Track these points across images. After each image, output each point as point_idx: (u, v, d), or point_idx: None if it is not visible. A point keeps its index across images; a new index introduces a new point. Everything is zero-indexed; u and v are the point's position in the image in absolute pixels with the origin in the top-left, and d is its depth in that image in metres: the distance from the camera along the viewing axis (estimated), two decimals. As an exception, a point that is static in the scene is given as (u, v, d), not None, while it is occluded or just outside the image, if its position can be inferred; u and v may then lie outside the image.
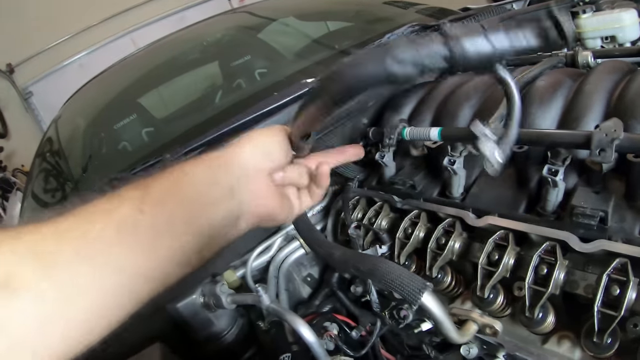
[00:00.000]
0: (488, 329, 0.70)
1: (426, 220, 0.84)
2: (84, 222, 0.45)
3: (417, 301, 0.64)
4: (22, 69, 5.77)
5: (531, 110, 0.83)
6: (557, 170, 0.67)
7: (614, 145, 0.62)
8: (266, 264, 1.07)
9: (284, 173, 0.65)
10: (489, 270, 0.69)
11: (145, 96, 2.06)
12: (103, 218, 0.46)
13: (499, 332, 0.69)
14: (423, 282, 0.65)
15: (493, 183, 0.83)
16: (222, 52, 2.17)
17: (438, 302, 0.65)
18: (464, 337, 0.70)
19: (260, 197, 0.60)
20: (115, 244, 0.45)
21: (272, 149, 0.63)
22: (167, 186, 0.52)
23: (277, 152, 0.63)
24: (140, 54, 2.41)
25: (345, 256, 0.76)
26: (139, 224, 0.47)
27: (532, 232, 0.68)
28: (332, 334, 0.88)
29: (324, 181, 0.68)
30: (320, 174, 0.67)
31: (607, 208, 0.64)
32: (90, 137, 1.95)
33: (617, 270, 0.58)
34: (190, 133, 1.40)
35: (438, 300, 0.65)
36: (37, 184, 1.79)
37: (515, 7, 1.68)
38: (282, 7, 2.48)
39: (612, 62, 0.89)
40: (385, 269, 0.67)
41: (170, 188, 0.52)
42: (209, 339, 1.02)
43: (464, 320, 0.73)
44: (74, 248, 0.42)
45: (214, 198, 0.55)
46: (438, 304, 0.66)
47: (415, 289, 0.64)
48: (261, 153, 0.62)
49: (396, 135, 0.90)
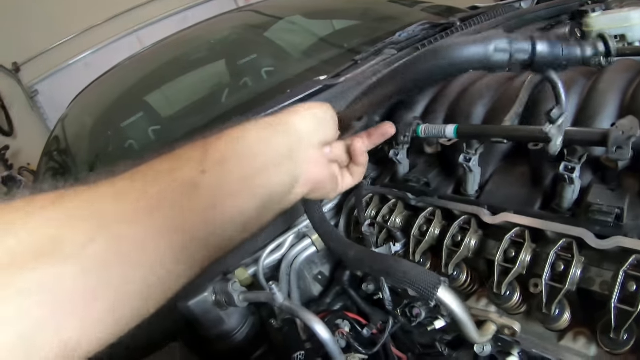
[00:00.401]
0: (507, 329, 0.70)
1: (441, 218, 0.84)
2: (144, 183, 0.44)
3: (433, 297, 0.63)
4: (28, 68, 5.77)
5: (546, 108, 0.83)
6: (574, 168, 0.67)
7: (631, 142, 0.62)
8: (278, 262, 1.07)
9: (332, 148, 0.66)
10: (505, 267, 0.69)
11: (152, 94, 2.06)
12: (165, 178, 0.45)
13: (517, 333, 0.69)
14: (438, 277, 0.65)
15: (508, 180, 0.83)
16: (229, 51, 2.16)
17: (456, 298, 0.65)
18: (484, 337, 0.69)
19: (315, 164, 0.61)
20: (177, 206, 0.44)
21: (325, 122, 0.63)
22: (226, 146, 0.51)
23: (329, 126, 0.64)
24: (146, 53, 2.41)
25: (361, 255, 0.75)
26: (200, 185, 0.46)
27: (548, 229, 0.68)
28: (344, 331, 0.88)
29: (362, 159, 0.70)
30: (355, 152, 0.69)
31: (623, 205, 0.65)
32: (97, 135, 1.95)
33: (634, 266, 0.58)
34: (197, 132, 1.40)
35: (457, 296, 0.65)
36: (44, 182, 1.79)
37: (524, 6, 1.68)
38: (289, 6, 2.48)
39: (624, 61, 0.89)
40: (400, 267, 0.67)
41: (229, 148, 0.51)
42: (220, 337, 1.02)
43: (483, 320, 0.73)
44: (134, 208, 0.41)
45: (273, 158, 0.54)
46: (456, 300, 0.65)
47: (431, 284, 0.63)
48: (315, 123, 0.61)
49: (410, 133, 0.90)
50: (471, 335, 0.67)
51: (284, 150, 0.55)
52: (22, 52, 5.64)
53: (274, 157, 0.54)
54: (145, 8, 6.00)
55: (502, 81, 0.99)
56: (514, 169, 0.84)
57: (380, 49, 1.21)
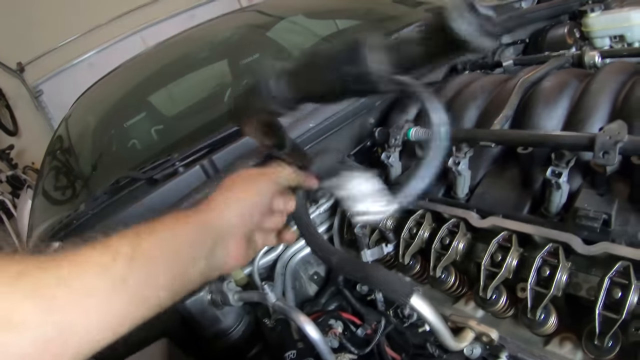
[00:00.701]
0: (484, 337, 0.71)
1: (431, 221, 0.85)
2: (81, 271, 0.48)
3: (406, 304, 0.66)
4: (32, 68, 5.81)
5: (536, 111, 0.83)
6: (561, 173, 0.67)
7: (618, 147, 0.62)
8: (273, 262, 1.08)
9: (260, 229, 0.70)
10: (492, 271, 0.69)
11: (155, 94, 2.07)
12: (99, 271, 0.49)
13: (495, 341, 0.70)
14: (412, 285, 0.68)
15: (498, 184, 0.83)
16: (231, 51, 2.17)
17: (430, 306, 0.67)
18: (460, 343, 0.71)
19: (233, 255, 0.64)
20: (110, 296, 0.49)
21: (250, 209, 0.66)
22: (155, 243, 0.55)
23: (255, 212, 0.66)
24: (149, 53, 2.42)
25: (342, 261, 0.77)
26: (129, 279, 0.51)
27: (535, 233, 0.68)
28: (337, 331, 0.88)
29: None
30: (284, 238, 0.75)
31: (611, 210, 0.64)
32: (100, 135, 1.96)
33: (620, 273, 0.58)
34: (199, 131, 1.41)
35: (430, 304, 0.67)
36: (47, 181, 1.81)
37: (524, 6, 1.67)
38: (291, 6, 2.48)
39: (618, 63, 0.89)
40: (377, 274, 0.70)
41: (158, 245, 0.55)
42: (216, 335, 1.03)
43: (462, 327, 0.74)
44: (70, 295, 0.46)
45: (195, 256, 0.59)
46: (430, 308, 0.67)
47: (404, 293, 0.66)
48: (240, 211, 0.65)
49: (402, 136, 0.90)
50: (446, 341, 0.68)
51: (206, 250, 0.60)
52: (27, 52, 5.67)
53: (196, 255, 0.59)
54: (148, 8, 6.02)
55: (497, 82, 0.99)
56: (504, 172, 0.84)
57: (376, 50, 1.20)
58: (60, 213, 1.37)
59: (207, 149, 1.05)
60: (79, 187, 1.64)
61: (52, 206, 1.64)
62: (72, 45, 5.81)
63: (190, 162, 1.02)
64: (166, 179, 1.00)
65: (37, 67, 5.82)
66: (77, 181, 1.72)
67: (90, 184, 1.59)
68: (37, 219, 1.57)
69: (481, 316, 0.74)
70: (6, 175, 5.28)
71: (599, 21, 1.35)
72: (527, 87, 0.89)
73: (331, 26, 2.24)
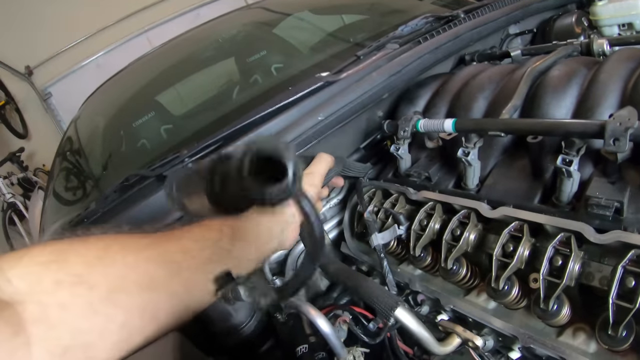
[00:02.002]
0: (470, 342, 0.73)
1: (441, 212, 0.84)
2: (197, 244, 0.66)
3: (390, 317, 0.73)
4: (40, 71, 5.86)
5: (545, 100, 0.82)
6: (572, 161, 0.66)
7: (628, 134, 0.61)
8: (284, 258, 1.08)
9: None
10: (503, 261, 0.68)
11: (163, 94, 2.08)
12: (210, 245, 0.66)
13: (480, 348, 0.72)
14: (396, 300, 0.73)
15: (508, 174, 0.82)
16: (238, 48, 2.17)
17: (414, 317, 0.73)
18: (446, 348, 0.74)
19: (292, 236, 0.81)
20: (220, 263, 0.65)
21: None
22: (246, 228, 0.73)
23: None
24: (156, 52, 2.43)
25: (338, 271, 0.85)
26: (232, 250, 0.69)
27: (546, 223, 0.67)
28: (345, 318, 0.89)
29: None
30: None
31: (623, 198, 0.63)
32: (109, 135, 1.98)
33: (633, 262, 0.57)
34: (208, 129, 1.42)
35: (414, 316, 0.73)
36: (58, 182, 1.82)
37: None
38: (297, 2, 2.48)
39: (627, 50, 0.88)
40: (366, 286, 0.78)
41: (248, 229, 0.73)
42: (228, 331, 1.03)
43: (450, 332, 0.77)
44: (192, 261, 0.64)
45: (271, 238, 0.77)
46: (414, 319, 0.73)
47: (388, 306, 0.73)
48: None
49: (410, 128, 0.90)
50: (431, 348, 0.74)
51: (278, 232, 0.78)
52: (34, 56, 5.73)
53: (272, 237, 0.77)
54: (154, 8, 6.05)
55: (505, 72, 0.98)
56: (514, 162, 0.83)
57: (383, 44, 1.21)
58: (71, 213, 1.38)
59: (215, 145, 1.05)
60: (90, 187, 1.65)
61: (63, 206, 1.65)
62: (79, 47, 5.87)
63: (200, 158, 1.03)
64: (175, 175, 1.00)
65: (45, 70, 5.88)
66: (87, 181, 1.74)
67: (100, 184, 1.60)
68: (48, 219, 1.59)
69: (493, 307, 0.73)
70: (17, 177, 5.35)
71: (606, 9, 1.34)
72: (535, 76, 0.88)
73: (338, 21, 2.23)
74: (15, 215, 5.13)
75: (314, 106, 0.99)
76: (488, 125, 0.77)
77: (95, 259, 0.54)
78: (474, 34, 1.27)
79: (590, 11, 1.42)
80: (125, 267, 0.56)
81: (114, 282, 0.54)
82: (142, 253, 0.58)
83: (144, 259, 0.58)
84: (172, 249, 0.62)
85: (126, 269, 0.56)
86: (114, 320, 0.53)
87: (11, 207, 5.11)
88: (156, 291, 0.58)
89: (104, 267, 0.54)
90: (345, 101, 0.99)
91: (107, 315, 0.52)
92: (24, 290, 0.48)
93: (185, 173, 0.56)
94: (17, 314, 0.46)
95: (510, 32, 1.51)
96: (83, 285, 0.51)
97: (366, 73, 1.04)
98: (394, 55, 1.11)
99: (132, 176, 1.12)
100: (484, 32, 1.31)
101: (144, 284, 0.56)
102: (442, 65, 1.28)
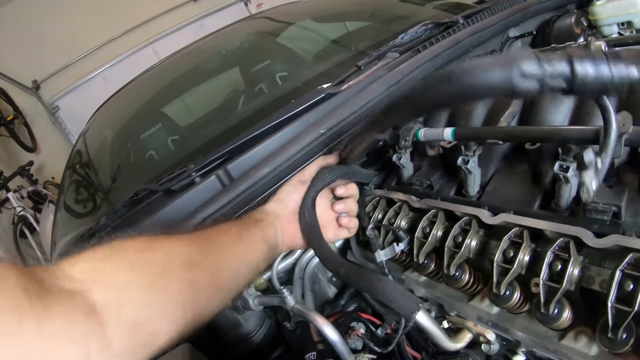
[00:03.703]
0: (482, 337, 0.74)
1: (444, 219, 0.85)
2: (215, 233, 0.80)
3: (411, 319, 0.72)
4: (47, 85, 5.94)
5: (543, 106, 0.83)
6: (569, 167, 0.67)
7: (623, 139, 0.62)
8: (291, 266, 1.10)
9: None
10: (504, 267, 0.70)
11: (170, 105, 2.11)
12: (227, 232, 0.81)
13: (492, 341, 0.73)
14: (417, 301, 0.72)
15: (508, 180, 0.84)
16: (243, 58, 2.20)
17: (434, 322, 0.73)
18: (458, 344, 0.75)
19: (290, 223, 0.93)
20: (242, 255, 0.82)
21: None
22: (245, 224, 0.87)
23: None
24: (162, 65, 2.46)
25: (349, 273, 0.83)
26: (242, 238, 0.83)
27: (546, 228, 0.68)
28: (360, 333, 0.90)
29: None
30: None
31: (620, 202, 0.64)
32: (117, 147, 2.01)
33: (631, 265, 0.58)
34: (215, 141, 1.44)
35: (433, 320, 0.73)
36: (68, 195, 1.85)
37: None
38: (300, 11, 2.51)
39: (624, 51, 0.88)
40: (383, 287, 0.75)
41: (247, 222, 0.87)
42: (237, 340, 1.05)
43: (460, 328, 0.77)
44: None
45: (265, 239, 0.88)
46: (432, 321, 0.73)
47: (410, 308, 0.72)
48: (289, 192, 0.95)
49: (411, 137, 0.91)
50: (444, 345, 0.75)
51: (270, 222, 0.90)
52: (41, 70, 5.81)
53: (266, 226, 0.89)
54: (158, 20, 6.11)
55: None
56: (514, 168, 0.85)
57: (383, 53, 1.22)
58: (82, 226, 1.41)
59: (222, 159, 1.08)
60: (100, 200, 1.68)
61: (74, 219, 1.68)
62: (86, 60, 5.94)
63: (206, 172, 1.05)
64: (183, 189, 1.03)
65: (53, 83, 5.96)
66: (97, 194, 1.77)
67: (110, 196, 1.63)
68: (59, 232, 1.61)
69: (496, 312, 0.74)
70: (27, 190, 5.41)
71: (605, 9, 1.34)
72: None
73: (341, 28, 2.25)
74: (26, 228, 5.18)
75: (316, 119, 1.01)
76: (486, 133, 0.79)
77: (144, 247, 0.65)
78: (474, 40, 1.28)
79: (589, 11, 1.43)
80: (169, 249, 0.67)
81: (163, 262, 0.64)
82: (178, 241, 0.70)
83: (181, 244, 0.70)
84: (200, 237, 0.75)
85: (170, 251, 0.67)
86: (171, 290, 0.62)
87: (22, 220, 5.16)
88: (196, 268, 0.69)
89: (153, 253, 0.64)
90: (346, 113, 1.00)
91: (163, 290, 0.62)
92: (89, 279, 0.54)
93: None
94: (86, 299, 0.52)
95: (510, 36, 1.52)
96: (138, 267, 0.61)
97: (367, 84, 1.06)
98: (394, 64, 1.12)
99: (141, 190, 1.14)
100: (483, 37, 1.32)
101: (185, 262, 0.67)
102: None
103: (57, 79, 5.91)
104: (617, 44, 1.07)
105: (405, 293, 0.74)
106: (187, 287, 0.65)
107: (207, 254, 0.73)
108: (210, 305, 0.71)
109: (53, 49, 5.70)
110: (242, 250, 0.81)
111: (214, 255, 0.74)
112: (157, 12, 6.11)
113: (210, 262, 0.72)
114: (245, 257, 0.81)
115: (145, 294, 0.59)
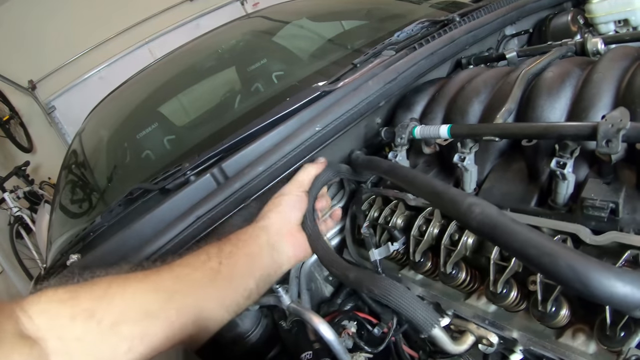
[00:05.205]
0: (484, 340, 0.73)
1: (440, 217, 0.85)
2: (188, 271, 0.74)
3: (427, 333, 0.70)
4: (43, 85, 5.93)
5: (539, 103, 0.83)
6: (565, 163, 0.67)
7: (621, 135, 0.61)
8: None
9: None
10: (501, 265, 0.69)
11: (166, 105, 2.10)
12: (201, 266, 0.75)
13: (494, 344, 0.72)
14: (436, 316, 0.71)
15: (505, 177, 0.83)
16: (239, 58, 2.19)
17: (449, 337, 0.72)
18: (461, 347, 0.73)
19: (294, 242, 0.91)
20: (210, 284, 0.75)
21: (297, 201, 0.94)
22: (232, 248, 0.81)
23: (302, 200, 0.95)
24: (158, 64, 2.45)
25: (359, 277, 0.80)
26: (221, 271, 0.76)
27: (543, 225, 0.68)
28: (350, 331, 0.89)
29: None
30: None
31: (618, 199, 0.64)
32: (113, 147, 1.99)
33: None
34: (210, 140, 1.43)
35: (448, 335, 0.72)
36: (64, 195, 1.84)
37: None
38: (295, 10, 2.50)
39: (621, 48, 0.88)
40: (399, 295, 0.72)
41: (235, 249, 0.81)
42: (234, 339, 1.04)
43: (463, 330, 0.76)
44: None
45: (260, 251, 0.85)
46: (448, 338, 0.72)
47: (429, 323, 0.70)
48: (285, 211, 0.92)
49: (407, 135, 0.91)
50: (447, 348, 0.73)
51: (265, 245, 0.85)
52: (37, 70, 5.80)
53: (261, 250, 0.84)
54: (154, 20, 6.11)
55: (500, 76, 0.99)
56: (511, 165, 0.84)
57: (379, 51, 1.21)
58: (78, 226, 1.40)
59: (217, 157, 1.07)
60: (95, 200, 1.67)
61: (69, 219, 1.67)
62: (82, 60, 5.93)
63: (201, 171, 1.04)
64: (178, 188, 1.02)
65: (49, 84, 5.95)
66: (93, 194, 1.76)
67: (106, 196, 1.62)
68: (55, 232, 1.60)
69: (493, 311, 0.74)
70: (23, 191, 5.40)
71: (602, 7, 1.34)
72: (529, 78, 0.88)
73: (337, 27, 2.25)
74: (22, 228, 5.17)
75: (312, 116, 1.00)
76: (482, 130, 0.78)
77: (101, 296, 0.65)
78: (470, 38, 1.28)
79: (585, 9, 1.42)
80: (125, 301, 0.66)
81: (116, 315, 0.64)
82: (139, 286, 0.69)
83: (141, 291, 0.68)
84: (165, 277, 0.72)
85: (125, 303, 0.66)
86: (120, 348, 0.63)
87: (18, 220, 5.15)
88: (152, 319, 0.67)
89: (108, 303, 0.65)
90: (342, 111, 1.00)
91: (114, 344, 0.63)
92: (45, 326, 0.58)
93: None
94: (42, 349, 0.56)
95: (506, 34, 1.52)
96: (93, 319, 0.62)
97: (362, 81, 1.05)
98: (390, 62, 1.12)
99: (136, 189, 1.13)
100: (479, 35, 1.32)
101: (141, 314, 0.66)
102: (439, 69, 1.28)
103: (53, 79, 5.90)
104: (614, 41, 1.06)
105: (424, 306, 0.72)
106: (139, 342, 0.65)
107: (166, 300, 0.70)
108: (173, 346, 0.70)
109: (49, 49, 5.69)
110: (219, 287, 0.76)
111: (178, 299, 0.71)
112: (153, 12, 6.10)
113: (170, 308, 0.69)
114: (220, 295, 0.76)
115: (97, 348, 0.62)
